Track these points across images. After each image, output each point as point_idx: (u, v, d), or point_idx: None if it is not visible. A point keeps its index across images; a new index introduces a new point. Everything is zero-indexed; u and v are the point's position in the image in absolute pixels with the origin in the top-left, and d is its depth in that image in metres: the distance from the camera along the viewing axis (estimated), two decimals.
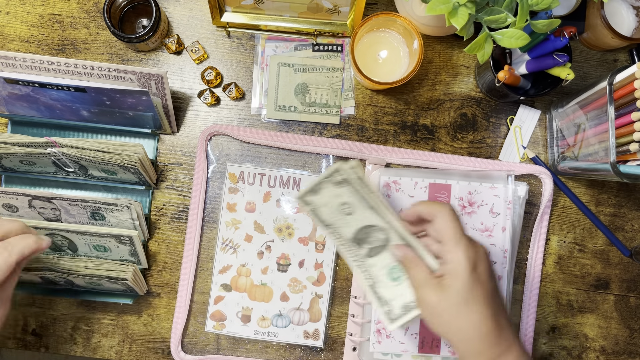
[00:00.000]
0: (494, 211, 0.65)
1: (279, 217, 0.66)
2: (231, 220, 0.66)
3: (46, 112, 0.64)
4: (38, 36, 0.68)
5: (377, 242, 0.56)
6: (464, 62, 0.69)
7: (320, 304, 0.66)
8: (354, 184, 0.55)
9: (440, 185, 0.65)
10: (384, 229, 0.56)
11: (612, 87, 0.55)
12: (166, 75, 0.60)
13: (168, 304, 0.67)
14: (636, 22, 0.66)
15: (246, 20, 0.66)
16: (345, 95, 0.68)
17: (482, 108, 0.69)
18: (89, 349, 0.67)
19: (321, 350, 0.67)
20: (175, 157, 0.68)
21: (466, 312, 0.47)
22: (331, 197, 0.56)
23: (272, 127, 0.68)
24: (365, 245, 0.56)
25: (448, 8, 0.53)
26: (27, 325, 0.67)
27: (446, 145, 0.68)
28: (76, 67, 0.59)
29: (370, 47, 0.65)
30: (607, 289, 0.69)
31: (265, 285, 0.66)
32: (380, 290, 0.56)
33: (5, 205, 0.62)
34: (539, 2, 0.52)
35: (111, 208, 0.62)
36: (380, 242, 0.55)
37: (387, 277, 0.55)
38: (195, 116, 0.68)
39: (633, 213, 0.69)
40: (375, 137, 0.68)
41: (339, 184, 0.56)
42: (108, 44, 0.68)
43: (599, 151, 0.57)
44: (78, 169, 0.63)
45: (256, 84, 0.68)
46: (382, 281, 0.56)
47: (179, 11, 0.68)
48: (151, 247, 0.67)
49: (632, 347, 0.68)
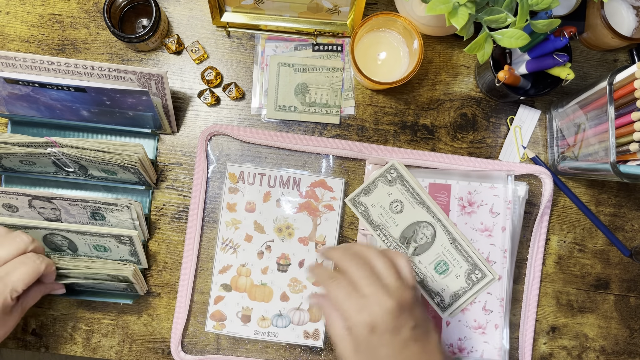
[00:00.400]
0: (494, 211, 0.65)
1: (279, 217, 0.66)
2: (231, 220, 0.66)
3: (46, 112, 0.64)
4: (38, 36, 0.68)
5: (423, 239, 0.58)
6: (464, 62, 0.69)
7: None
8: (405, 180, 0.58)
9: (440, 185, 0.65)
10: (432, 224, 0.61)
11: (612, 87, 0.55)
12: (166, 75, 0.60)
13: (168, 304, 0.67)
14: (636, 22, 0.66)
15: (246, 20, 0.66)
16: (345, 95, 0.68)
17: (482, 108, 0.69)
18: (89, 349, 0.67)
19: (321, 350, 0.67)
20: (175, 157, 0.68)
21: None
22: (382, 196, 0.59)
23: (272, 127, 0.68)
24: (413, 243, 0.59)
25: (448, 8, 0.53)
26: (27, 325, 0.67)
27: (446, 145, 0.68)
28: (76, 67, 0.59)
29: (370, 47, 0.65)
30: (607, 289, 0.69)
31: (265, 285, 0.66)
32: (429, 284, 0.61)
33: (5, 205, 0.62)
34: (539, 2, 0.52)
35: (111, 208, 0.62)
36: (427, 239, 0.58)
37: (434, 272, 0.61)
38: (195, 116, 0.68)
39: (633, 213, 0.69)
40: (375, 137, 0.68)
41: (391, 182, 0.58)
42: (108, 44, 0.68)
43: (599, 151, 0.58)
44: (78, 169, 0.63)
45: (256, 84, 0.68)
46: (430, 276, 0.61)
47: (179, 11, 0.68)
48: (151, 247, 0.67)
49: (632, 347, 0.68)
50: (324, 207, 0.66)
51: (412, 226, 0.60)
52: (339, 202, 0.66)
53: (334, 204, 0.66)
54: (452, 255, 0.62)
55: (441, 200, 0.65)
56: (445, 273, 0.60)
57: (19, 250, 0.55)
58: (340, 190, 0.66)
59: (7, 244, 0.55)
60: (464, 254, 0.62)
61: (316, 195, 0.66)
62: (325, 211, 0.66)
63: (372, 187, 0.61)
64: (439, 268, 0.60)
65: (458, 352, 0.64)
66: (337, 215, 0.66)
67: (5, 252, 0.54)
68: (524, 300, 0.67)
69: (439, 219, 0.60)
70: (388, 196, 0.60)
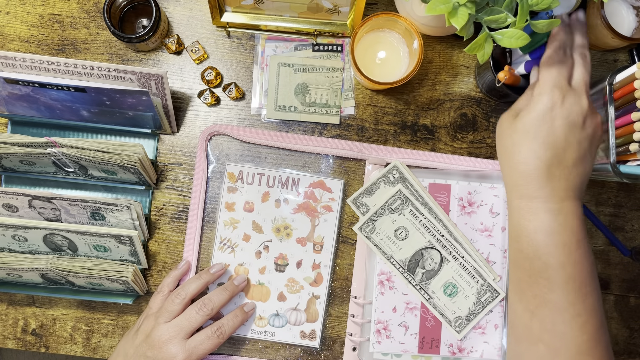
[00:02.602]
0: (494, 211, 0.65)
1: (278, 217, 0.66)
2: (229, 219, 0.66)
3: (46, 112, 0.64)
4: (38, 36, 0.68)
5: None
6: (464, 62, 0.69)
7: (318, 305, 0.66)
8: (406, 181, 0.58)
9: (440, 185, 0.65)
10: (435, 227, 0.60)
11: (612, 87, 0.55)
12: (166, 75, 0.60)
13: None
14: (636, 22, 0.66)
15: (246, 20, 0.66)
16: (345, 95, 0.68)
17: (482, 108, 0.69)
18: (89, 349, 0.67)
19: (321, 350, 0.67)
20: (175, 157, 0.68)
21: (523, 144, 0.49)
22: (384, 197, 0.59)
23: (272, 127, 0.68)
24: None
25: (448, 8, 0.53)
26: (27, 325, 0.67)
27: (446, 145, 0.68)
28: (76, 67, 0.59)
29: (370, 47, 0.65)
30: (607, 289, 0.69)
31: (263, 285, 0.66)
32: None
33: (5, 205, 0.62)
34: (539, 2, 0.52)
35: (111, 208, 0.62)
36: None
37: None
38: (195, 116, 0.68)
39: (633, 213, 0.69)
40: (375, 137, 0.68)
41: (393, 183, 0.59)
42: (108, 44, 0.68)
43: (599, 151, 0.57)
44: (78, 169, 0.63)
45: (256, 84, 0.68)
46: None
47: (179, 11, 0.68)
48: (151, 247, 0.67)
49: (632, 347, 0.68)
50: (322, 208, 0.66)
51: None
52: (337, 203, 0.66)
53: (333, 205, 0.66)
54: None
55: (441, 201, 0.65)
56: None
57: (227, 298, 0.62)
58: (339, 192, 0.66)
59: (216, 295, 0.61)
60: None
61: (315, 196, 0.66)
62: (324, 212, 0.66)
63: (374, 188, 0.61)
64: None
65: (458, 352, 0.64)
66: (335, 217, 0.66)
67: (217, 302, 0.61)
68: None
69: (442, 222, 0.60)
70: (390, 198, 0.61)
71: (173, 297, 0.60)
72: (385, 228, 0.60)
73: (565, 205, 0.50)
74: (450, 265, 0.59)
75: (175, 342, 0.56)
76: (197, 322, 0.58)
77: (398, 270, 0.60)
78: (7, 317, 0.67)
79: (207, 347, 0.58)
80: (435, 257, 0.59)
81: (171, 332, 0.57)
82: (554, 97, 0.51)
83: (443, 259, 0.59)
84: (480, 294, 0.59)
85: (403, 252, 0.60)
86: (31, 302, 0.67)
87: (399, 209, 0.57)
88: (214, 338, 0.58)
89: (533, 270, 0.49)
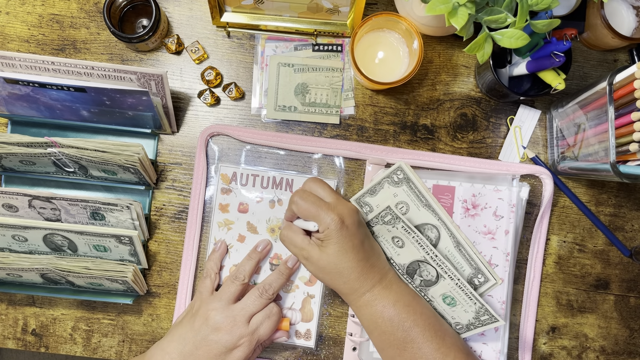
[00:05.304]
0: (498, 214, 0.64)
1: (272, 218, 0.66)
2: (223, 220, 0.66)
3: (46, 112, 0.64)
4: (38, 36, 0.68)
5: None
6: (464, 62, 0.69)
7: (312, 304, 0.66)
8: (410, 182, 0.58)
9: (444, 186, 0.65)
10: (437, 227, 0.60)
11: (612, 87, 0.55)
12: (166, 75, 0.60)
13: (168, 304, 0.67)
14: (636, 22, 0.66)
15: (246, 20, 0.66)
16: (345, 95, 0.68)
17: (482, 108, 0.69)
18: (89, 349, 0.67)
19: (321, 350, 0.67)
20: (175, 157, 0.68)
21: (343, 261, 0.55)
22: (387, 197, 0.59)
23: (272, 127, 0.68)
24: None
25: (448, 8, 0.53)
26: (27, 325, 0.67)
27: (446, 145, 0.68)
28: (76, 67, 0.59)
29: (370, 47, 0.65)
30: (607, 289, 0.69)
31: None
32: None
33: (5, 205, 0.62)
34: (539, 2, 0.52)
35: (111, 208, 0.62)
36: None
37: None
38: (195, 116, 0.68)
39: (633, 213, 0.69)
40: (375, 137, 0.68)
41: (397, 184, 0.59)
42: (108, 44, 0.68)
43: (599, 151, 0.57)
44: (78, 169, 0.63)
45: (256, 84, 0.68)
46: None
47: (179, 11, 0.68)
48: (151, 247, 0.67)
49: (632, 347, 0.68)
50: None
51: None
52: None
53: None
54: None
55: (445, 202, 0.65)
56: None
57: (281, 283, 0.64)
58: None
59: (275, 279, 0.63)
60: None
61: None
62: None
63: (378, 188, 0.61)
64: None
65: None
66: None
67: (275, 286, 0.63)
68: (524, 300, 0.67)
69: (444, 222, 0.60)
70: (394, 197, 0.60)
71: (232, 279, 0.62)
72: (383, 233, 0.60)
73: (390, 273, 0.59)
74: (447, 282, 0.59)
75: (239, 325, 0.59)
76: (261, 306, 0.61)
77: (398, 271, 0.60)
78: (7, 317, 0.67)
79: (267, 327, 0.60)
80: (432, 271, 0.59)
81: (236, 315, 0.59)
82: (334, 217, 0.56)
83: (439, 275, 0.59)
84: (479, 314, 0.59)
85: (401, 258, 0.60)
86: (31, 302, 0.67)
87: (392, 222, 0.58)
88: (266, 306, 0.61)
89: (398, 341, 0.56)
